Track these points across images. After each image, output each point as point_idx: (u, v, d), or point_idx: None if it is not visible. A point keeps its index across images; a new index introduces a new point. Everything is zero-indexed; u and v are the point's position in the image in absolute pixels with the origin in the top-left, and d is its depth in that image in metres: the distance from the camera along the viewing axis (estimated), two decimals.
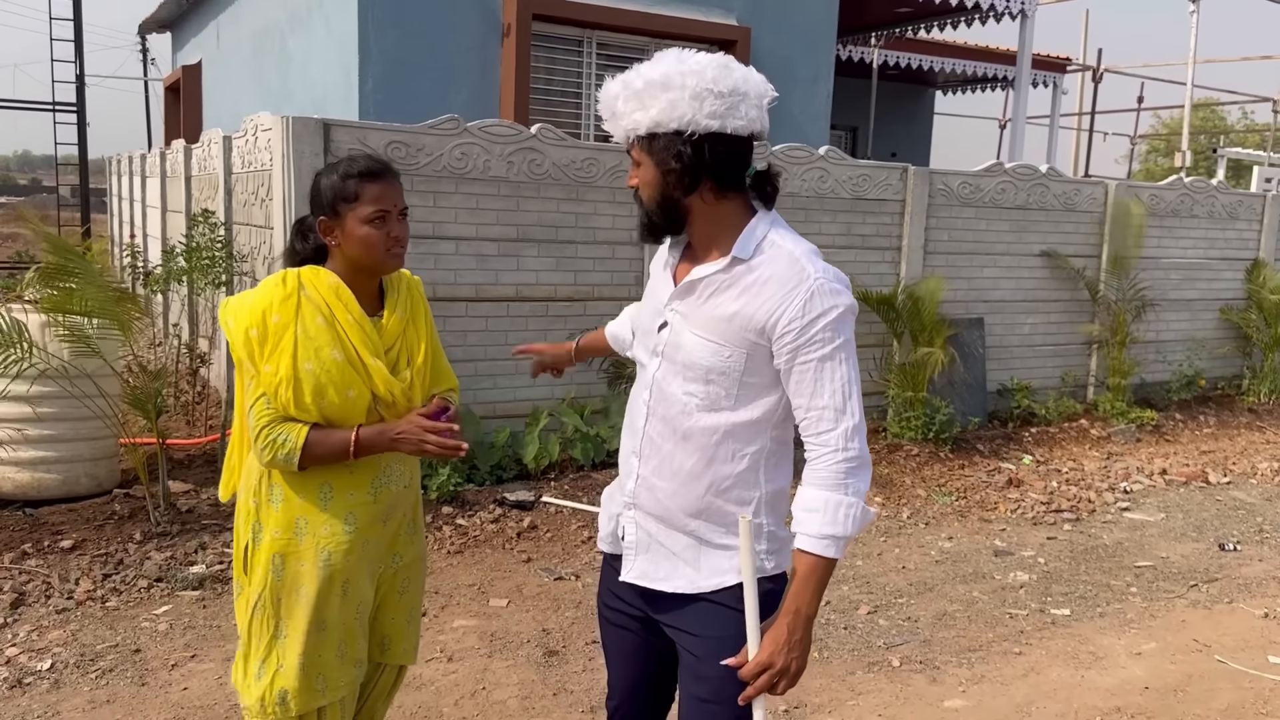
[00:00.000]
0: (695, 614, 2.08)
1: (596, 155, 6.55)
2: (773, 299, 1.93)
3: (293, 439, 2.25)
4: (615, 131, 2.03)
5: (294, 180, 5.67)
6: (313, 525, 2.35)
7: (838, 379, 1.93)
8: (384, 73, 8.21)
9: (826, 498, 1.92)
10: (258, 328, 2.27)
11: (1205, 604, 4.99)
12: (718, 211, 2.00)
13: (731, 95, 1.91)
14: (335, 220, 2.32)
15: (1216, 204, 9.50)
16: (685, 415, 2.03)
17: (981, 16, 11.94)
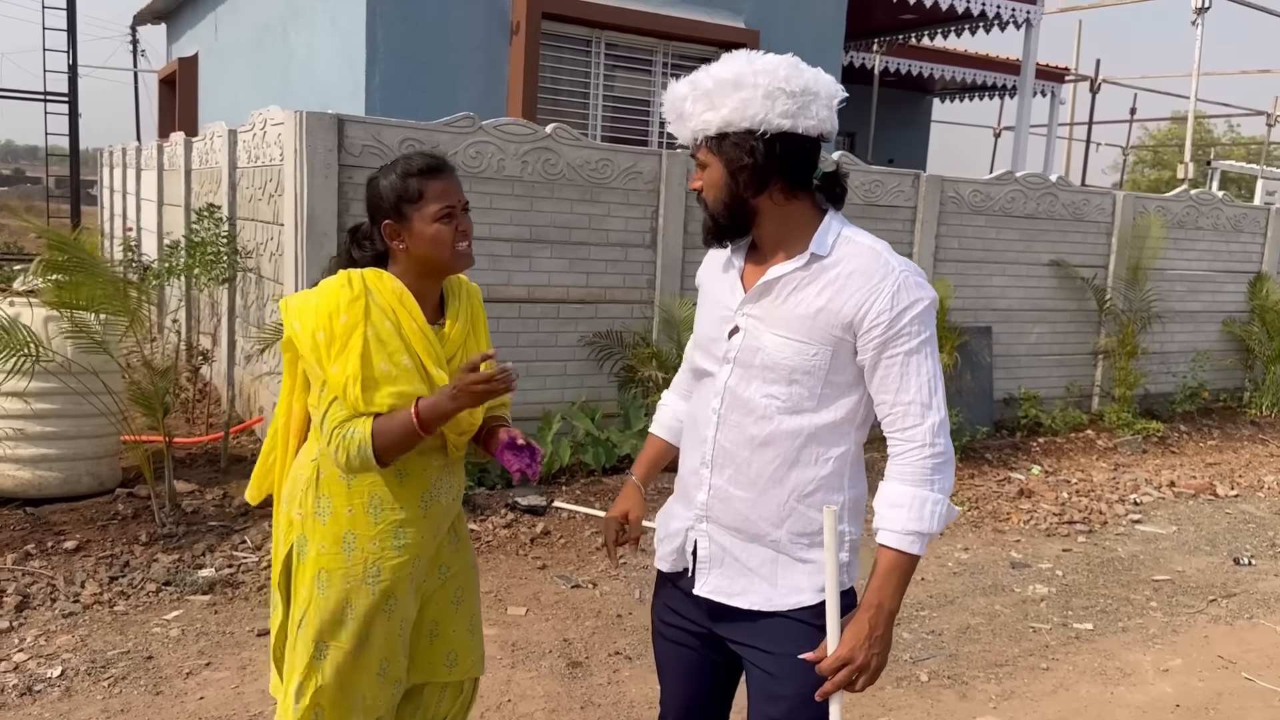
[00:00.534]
0: (769, 630, 2.03)
1: (611, 156, 6.46)
2: (859, 292, 1.91)
3: (359, 429, 2.17)
4: (682, 133, 1.99)
5: (307, 176, 5.57)
6: (361, 541, 2.27)
7: (924, 373, 1.92)
8: (392, 69, 8.11)
9: (914, 493, 1.91)
10: (324, 330, 2.19)
11: (1226, 620, 4.95)
12: (787, 212, 1.97)
13: (803, 94, 1.88)
14: (401, 223, 2.24)
15: (1222, 216, 9.50)
16: (766, 420, 1.99)
17: (987, 25, 11.95)
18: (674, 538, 2.15)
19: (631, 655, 4.13)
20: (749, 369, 2.00)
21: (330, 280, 2.26)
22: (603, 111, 9.16)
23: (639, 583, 4.89)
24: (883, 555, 1.92)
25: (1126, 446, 8.17)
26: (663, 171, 6.60)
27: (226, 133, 7.22)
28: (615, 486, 6.11)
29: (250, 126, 6.76)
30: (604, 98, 9.17)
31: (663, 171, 6.60)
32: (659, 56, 9.36)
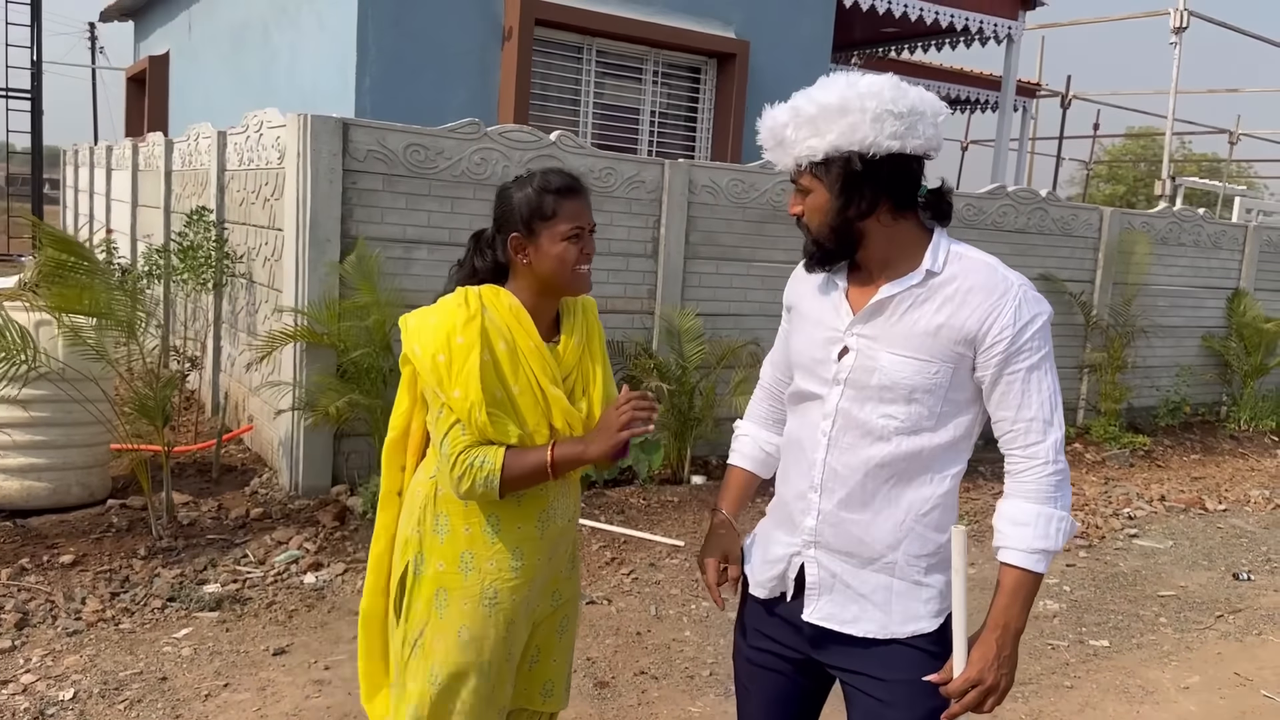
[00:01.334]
0: (883, 657, 2.00)
1: (614, 165, 6.40)
2: (981, 308, 1.89)
3: (491, 461, 2.12)
4: (782, 160, 1.97)
5: (310, 180, 5.44)
6: (479, 559, 2.21)
7: (1045, 389, 1.91)
8: (382, 72, 7.98)
9: (1039, 511, 1.89)
10: (444, 352, 2.14)
11: (1236, 636, 4.97)
12: (895, 231, 1.95)
13: (910, 115, 1.87)
14: (530, 238, 2.20)
15: (1202, 233, 9.63)
16: (883, 441, 1.95)
17: (968, 40, 12.04)
18: (775, 564, 2.10)
19: (658, 675, 4.05)
20: (863, 389, 1.96)
21: (448, 299, 2.22)
22: (593, 118, 9.09)
23: (653, 599, 4.81)
24: (1008, 574, 1.90)
25: (1114, 460, 8.24)
26: (665, 181, 6.55)
27: (215, 134, 7.05)
28: (619, 500, 6.04)
29: (243, 129, 6.60)
30: (594, 105, 9.10)
31: (665, 181, 6.55)
32: (649, 65, 9.31)
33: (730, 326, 6.87)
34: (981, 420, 2.01)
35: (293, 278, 5.58)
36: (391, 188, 5.75)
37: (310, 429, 5.55)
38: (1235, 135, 19.40)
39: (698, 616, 4.66)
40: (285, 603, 4.41)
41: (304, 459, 5.62)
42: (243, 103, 9.26)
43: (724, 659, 4.24)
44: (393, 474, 2.40)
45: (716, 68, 9.54)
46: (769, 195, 6.96)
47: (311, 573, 4.72)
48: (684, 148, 9.58)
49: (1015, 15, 11.57)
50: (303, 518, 5.31)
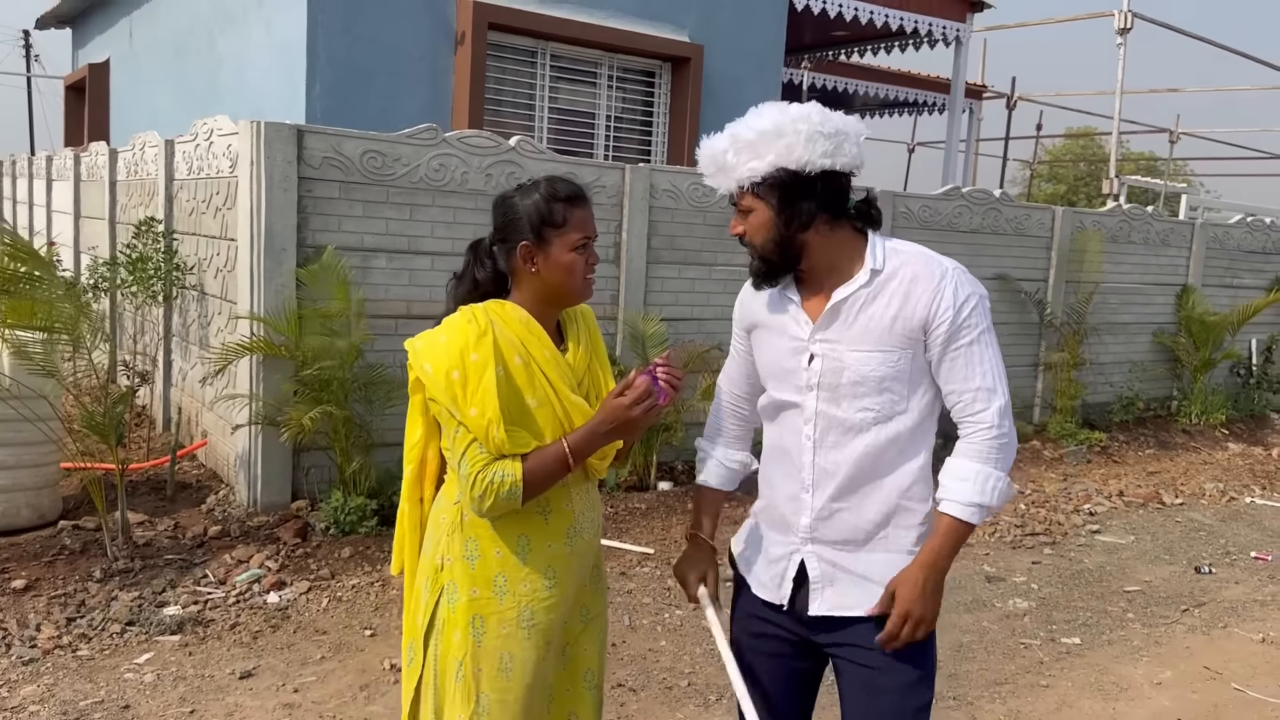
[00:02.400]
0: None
1: (575, 170, 6.32)
2: (926, 293, 2.06)
3: (511, 472, 2.08)
4: (724, 183, 2.13)
5: (265, 189, 5.31)
6: (513, 582, 2.17)
7: (987, 360, 2.09)
8: (333, 78, 7.84)
9: (978, 469, 2.06)
10: (459, 369, 2.08)
11: (1203, 629, 5.02)
12: (833, 240, 2.12)
13: (836, 135, 2.04)
14: (540, 246, 2.16)
15: (1151, 231, 9.78)
16: (863, 432, 2.10)
17: (916, 43, 12.14)
18: (777, 563, 2.22)
19: (635, 687, 3.99)
20: (836, 389, 2.11)
21: (454, 318, 2.17)
22: (549, 123, 9.01)
23: (626, 609, 4.75)
24: (943, 520, 2.08)
25: (1072, 457, 8.33)
26: (626, 185, 6.50)
27: (162, 143, 6.87)
28: None
29: (191, 137, 6.44)
30: (550, 109, 9.03)
31: (626, 185, 6.50)
32: (604, 69, 9.26)
33: (694, 331, 6.84)
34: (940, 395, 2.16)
35: (248, 288, 5.44)
36: (348, 195, 5.63)
37: (269, 443, 5.42)
38: (1175, 134, 19.79)
39: (672, 625, 4.61)
40: (249, 624, 4.28)
41: (262, 474, 5.48)
42: (187, 111, 9.06)
43: (701, 667, 4.19)
44: (414, 509, 2.33)
45: (671, 71, 9.51)
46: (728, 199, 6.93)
47: (275, 592, 4.59)
48: (640, 152, 9.54)
49: (963, 18, 11.68)
50: (263, 535, 5.18)
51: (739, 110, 2.19)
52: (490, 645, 2.15)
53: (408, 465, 2.28)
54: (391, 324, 5.80)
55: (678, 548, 5.57)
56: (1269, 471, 8.66)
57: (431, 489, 2.31)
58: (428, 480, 2.31)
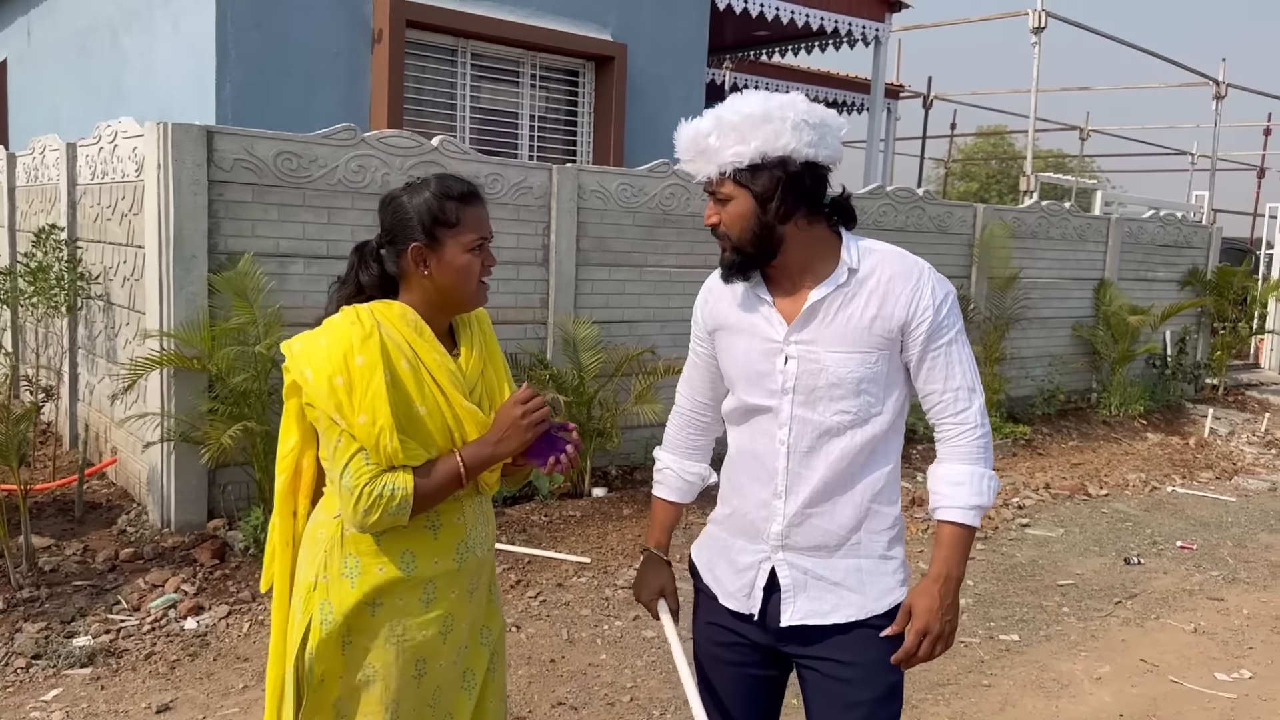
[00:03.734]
0: (850, 642, 2.07)
1: (500, 170, 6.17)
2: (904, 293, 2.02)
3: (401, 485, 1.95)
4: (705, 168, 2.03)
5: (174, 193, 5.06)
6: (388, 598, 2.04)
7: (964, 360, 2.06)
8: (244, 77, 7.55)
9: (971, 470, 2.04)
10: (342, 374, 1.94)
11: (1136, 622, 5.06)
12: (811, 236, 2.05)
13: (821, 126, 1.98)
14: (432, 247, 2.04)
15: (1069, 226, 9.95)
16: (838, 436, 2.04)
17: (836, 42, 12.19)
18: (743, 573, 2.14)
19: (577, 705, 3.86)
20: (813, 392, 2.04)
21: (336, 319, 2.03)
22: (471, 123, 8.82)
23: (564, 621, 4.62)
24: (946, 530, 2.04)
25: (998, 450, 8.40)
26: (554, 187, 6.35)
27: (63, 146, 6.54)
28: (520, 518, 5.82)
29: (94, 139, 6.13)
30: (472, 109, 8.83)
31: (554, 187, 6.35)
32: (526, 68, 9.10)
33: (625, 333, 6.72)
34: (909, 396, 2.12)
35: (157, 298, 5.17)
36: (262, 199, 5.40)
37: (183, 460, 5.17)
38: (1085, 131, 20.28)
39: (611, 638, 4.49)
40: (166, 653, 4.05)
41: (176, 492, 5.22)
42: (91, 113, 8.67)
43: (643, 681, 4.08)
44: (286, 523, 2.17)
45: (594, 71, 9.39)
46: (659, 199, 6.85)
47: (192, 617, 4.36)
48: (565, 152, 9.40)
49: (882, 18, 11.77)
50: (178, 557, 4.93)
51: (664, 110, 2.11)
52: (353, 660, 2.04)
53: (280, 475, 2.14)
54: None
55: (614, 555, 5.45)
56: (1187, 460, 8.85)
57: (306, 502, 2.17)
58: (302, 492, 2.17)
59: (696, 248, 7.12)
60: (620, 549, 5.53)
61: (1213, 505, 7.48)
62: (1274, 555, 6.28)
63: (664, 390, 6.71)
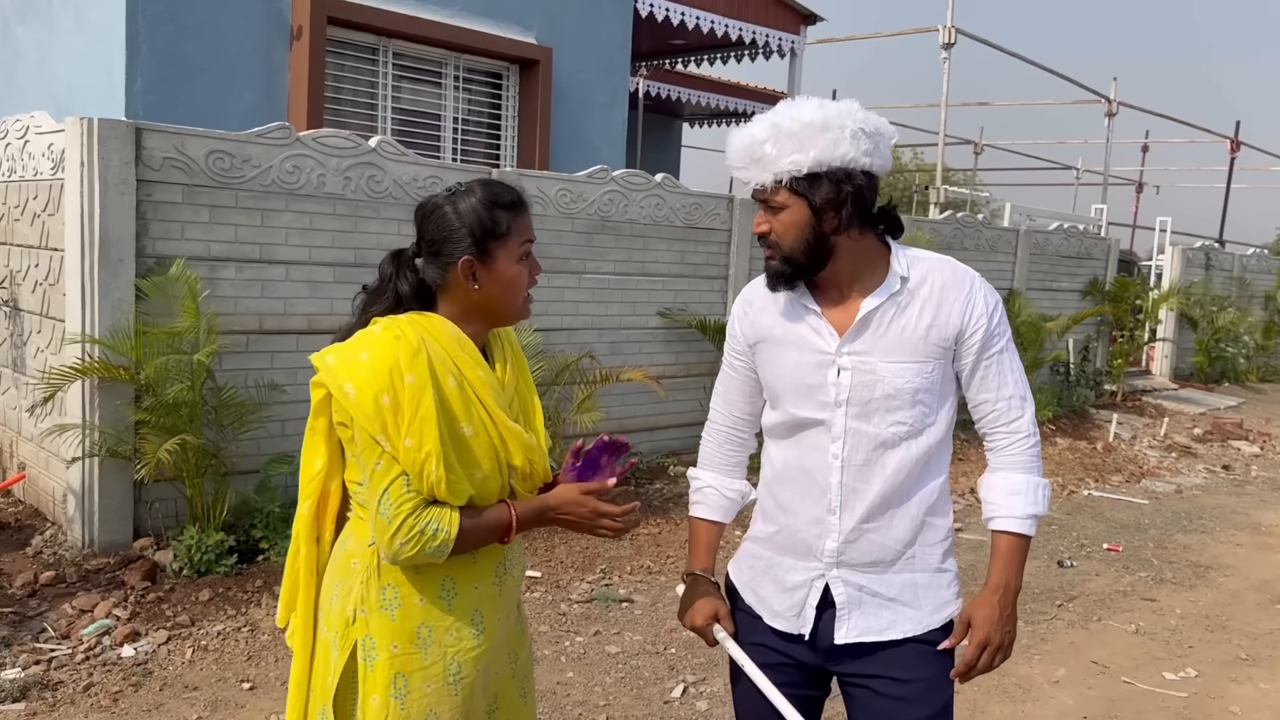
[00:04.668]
0: (904, 657, 2.04)
1: (440, 173, 6.00)
2: (959, 302, 2.01)
3: (446, 529, 1.83)
4: (760, 177, 1.97)
5: (99, 193, 4.76)
6: (437, 632, 1.92)
7: (1016, 368, 2.06)
8: (156, 72, 7.19)
9: (1027, 480, 2.04)
10: (389, 394, 1.80)
11: (1080, 624, 5.18)
12: (862, 246, 2.02)
13: (876, 135, 1.96)
14: (483, 259, 1.92)
15: (982, 238, 10.21)
16: (894, 448, 2.01)
17: (753, 54, 12.29)
18: (794, 591, 2.09)
19: None
20: (868, 404, 2.00)
21: (375, 333, 1.88)
22: (392, 124, 8.58)
23: None
24: (1004, 540, 2.03)
25: None
26: None
27: None
28: None
29: (1, 135, 5.74)
30: (393, 109, 8.59)
31: None
32: (449, 69, 8.90)
33: (564, 341, 6.60)
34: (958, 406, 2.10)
35: (79, 304, 4.85)
36: (193, 199, 5.13)
37: (108, 476, 4.86)
38: (980, 146, 20.93)
39: (575, 654, 4.37)
40: (106, 683, 3.78)
41: (100, 511, 4.90)
42: None
43: (615, 699, 3.98)
44: (311, 550, 2.01)
45: (519, 74, 9.24)
46: (597, 205, 6.75)
47: (129, 644, 4.09)
48: (489, 155, 9.22)
49: (798, 30, 11.91)
50: (105, 579, 4.62)
51: (589, 115, 2.03)
52: (414, 707, 1.90)
53: (305, 500, 1.99)
54: (243, 340, 5.32)
55: (565, 569, 5.33)
56: (1097, 464, 9.15)
57: (332, 528, 2.03)
58: (329, 518, 2.02)
59: (634, 255, 7.05)
60: (570, 561, 5.41)
61: (1128, 508, 7.73)
62: (1193, 555, 6.51)
63: (605, 398, 6.63)
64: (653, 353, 7.22)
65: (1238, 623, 5.28)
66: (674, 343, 7.37)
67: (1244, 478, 9.22)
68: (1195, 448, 10.24)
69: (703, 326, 7.20)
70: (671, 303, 7.31)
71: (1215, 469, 9.46)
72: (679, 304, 7.35)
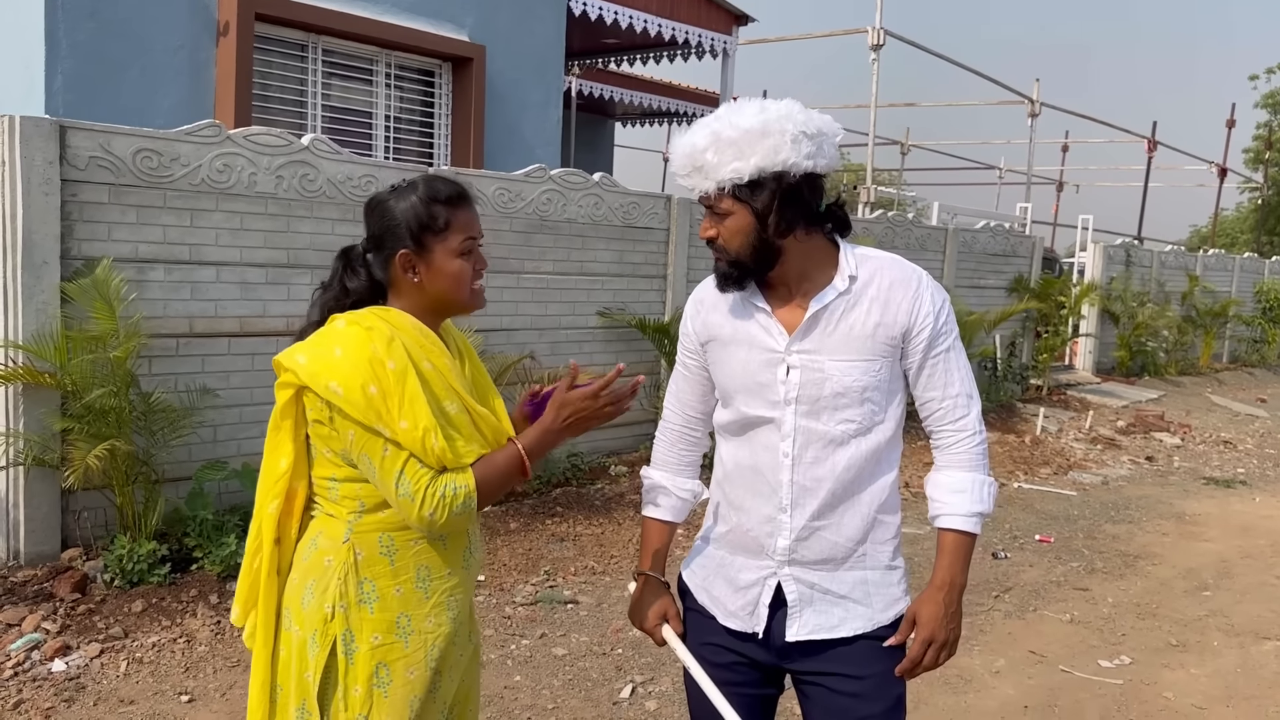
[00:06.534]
0: (856, 654, 2.06)
1: (375, 172, 5.91)
2: (906, 300, 2.01)
3: (464, 485, 1.91)
4: (703, 185, 1.97)
5: (21, 193, 4.60)
6: (416, 621, 1.98)
7: (962, 365, 2.06)
8: (77, 68, 6.97)
9: (972, 478, 2.04)
10: (375, 383, 1.86)
11: (1017, 614, 5.28)
12: (809, 246, 2.03)
13: (818, 136, 1.95)
14: (421, 254, 1.98)
15: (911, 236, 10.38)
16: (843, 446, 2.01)
17: (685, 54, 12.34)
18: (745, 590, 2.10)
19: None
20: (817, 402, 2.01)
21: (339, 328, 1.94)
22: (322, 122, 8.43)
23: None
24: (948, 538, 2.04)
25: None
26: None
27: None
28: None
29: None
30: (323, 107, 8.45)
31: None
32: (381, 66, 8.78)
33: (503, 341, 6.55)
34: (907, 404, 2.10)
35: (1, 308, 4.68)
36: (120, 199, 4.98)
37: (33, 485, 4.70)
38: (906, 146, 21.28)
39: (522, 657, 4.33)
40: (37, 700, 3.65)
41: (25, 521, 4.74)
42: None
43: (564, 701, 3.96)
44: (274, 550, 2.00)
45: (452, 72, 9.15)
46: (535, 205, 6.71)
47: (60, 658, 3.95)
48: (422, 154, 9.12)
49: (730, 30, 11.99)
50: (32, 592, 4.47)
51: (523, 114, 2.05)
52: (397, 694, 1.95)
53: (270, 500, 1.99)
54: (172, 344, 5.19)
55: (509, 571, 5.29)
56: (1025, 457, 9.35)
57: (296, 527, 2.04)
58: (294, 517, 2.04)
59: (573, 254, 7.02)
60: (513, 564, 5.37)
61: (1057, 499, 7.92)
62: (1122, 545, 6.69)
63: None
64: (592, 352, 7.20)
65: (1167, 610, 5.43)
66: (614, 342, 7.36)
67: (1167, 468, 9.50)
68: (1119, 440, 10.52)
69: (642, 326, 7.20)
70: (611, 302, 7.30)
71: (1139, 460, 9.74)
72: (618, 303, 7.34)
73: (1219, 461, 9.99)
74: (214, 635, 4.30)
